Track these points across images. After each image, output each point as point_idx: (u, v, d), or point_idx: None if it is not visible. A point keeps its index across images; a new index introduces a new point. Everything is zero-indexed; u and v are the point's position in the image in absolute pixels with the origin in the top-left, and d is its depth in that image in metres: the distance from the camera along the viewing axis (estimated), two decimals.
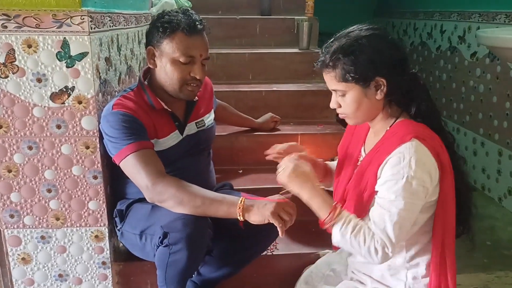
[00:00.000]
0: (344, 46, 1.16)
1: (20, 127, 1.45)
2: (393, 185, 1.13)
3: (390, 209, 1.14)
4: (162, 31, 1.45)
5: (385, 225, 1.13)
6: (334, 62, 1.17)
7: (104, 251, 1.61)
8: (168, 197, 1.35)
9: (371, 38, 1.17)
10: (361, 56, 1.15)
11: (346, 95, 1.19)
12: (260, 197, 1.39)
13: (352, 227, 1.15)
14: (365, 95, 1.18)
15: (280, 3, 3.14)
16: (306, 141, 2.25)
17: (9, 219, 1.53)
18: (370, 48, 1.15)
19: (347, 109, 1.22)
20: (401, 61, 1.19)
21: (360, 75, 1.16)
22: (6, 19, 1.36)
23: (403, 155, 1.13)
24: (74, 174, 1.51)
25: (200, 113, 1.67)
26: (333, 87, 1.22)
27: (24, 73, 1.41)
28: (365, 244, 1.14)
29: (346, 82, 1.17)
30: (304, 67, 2.69)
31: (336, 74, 1.18)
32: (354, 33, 1.18)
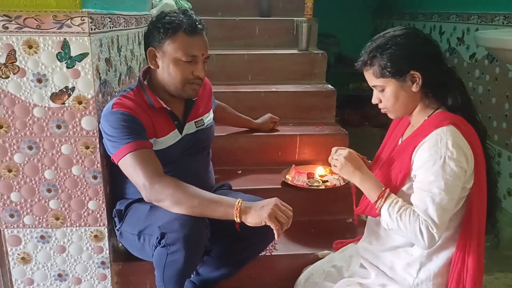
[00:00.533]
0: (380, 44, 1.26)
1: (20, 127, 1.46)
2: (431, 166, 1.19)
3: (431, 190, 1.19)
4: (163, 32, 1.46)
5: (427, 207, 1.18)
6: (372, 60, 1.27)
7: (104, 251, 1.62)
8: (166, 196, 1.36)
9: (405, 36, 1.26)
10: (395, 52, 1.24)
11: (385, 90, 1.29)
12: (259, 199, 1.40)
13: (398, 207, 1.22)
14: (402, 88, 1.27)
15: (279, 4, 3.14)
16: (305, 142, 2.27)
17: (9, 218, 1.54)
18: (403, 44, 1.25)
19: (387, 103, 1.31)
20: (434, 55, 1.28)
21: (395, 70, 1.24)
22: (7, 20, 1.37)
23: (440, 137, 1.20)
24: (74, 174, 1.52)
25: (199, 112, 1.68)
26: (373, 83, 1.31)
27: (24, 73, 1.42)
28: (410, 224, 1.19)
29: (384, 77, 1.27)
30: (303, 68, 2.70)
31: (374, 70, 1.28)
32: (389, 33, 1.28)
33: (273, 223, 1.29)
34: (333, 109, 2.52)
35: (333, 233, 1.88)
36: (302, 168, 2.13)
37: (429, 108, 1.30)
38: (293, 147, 2.26)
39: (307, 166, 2.16)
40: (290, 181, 2.00)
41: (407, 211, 1.21)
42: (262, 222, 1.31)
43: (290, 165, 2.15)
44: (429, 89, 1.28)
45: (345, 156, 1.33)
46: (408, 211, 1.21)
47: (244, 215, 1.33)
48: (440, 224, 1.18)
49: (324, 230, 1.98)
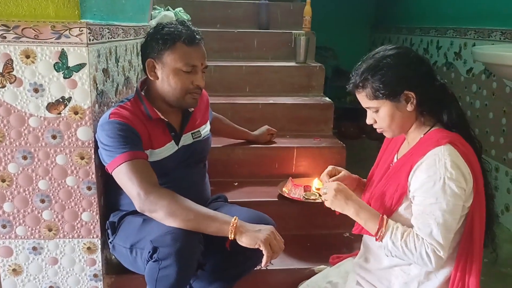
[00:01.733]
0: (371, 66, 1.25)
1: (15, 136, 1.44)
2: (431, 188, 1.18)
3: (433, 212, 1.17)
4: (162, 43, 1.46)
5: (431, 230, 1.17)
6: (364, 82, 1.26)
7: (96, 263, 1.59)
8: (160, 207, 1.35)
9: (395, 56, 1.25)
10: (387, 73, 1.23)
11: (379, 111, 1.27)
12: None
13: (401, 234, 1.20)
14: (396, 108, 1.26)
15: (277, 17, 3.17)
16: (302, 154, 2.26)
17: (1, 229, 1.52)
18: (395, 65, 1.24)
19: (382, 124, 1.30)
20: (427, 74, 1.27)
21: (389, 91, 1.23)
22: (5, 30, 1.37)
23: (438, 157, 1.18)
24: (68, 185, 1.51)
25: (196, 124, 1.68)
26: (366, 105, 1.29)
27: (21, 83, 1.41)
28: (416, 250, 1.17)
29: (377, 99, 1.25)
30: (301, 81, 2.71)
31: (366, 93, 1.26)
32: (380, 54, 1.27)
33: (266, 249, 1.30)
34: (331, 122, 2.53)
35: (329, 248, 1.87)
36: (299, 181, 2.12)
37: (425, 125, 1.29)
38: (290, 160, 2.25)
39: (304, 179, 2.15)
40: (286, 194, 1.99)
41: (410, 236, 1.19)
42: (256, 244, 1.31)
43: (286, 178, 2.14)
44: (424, 107, 1.27)
45: (335, 188, 1.30)
46: (411, 237, 1.19)
47: (239, 234, 1.33)
48: (445, 245, 1.17)
49: (320, 244, 1.96)
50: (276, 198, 2.02)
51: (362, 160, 3.16)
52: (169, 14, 2.53)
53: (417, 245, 1.18)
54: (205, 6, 3.09)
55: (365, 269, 1.40)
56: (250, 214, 1.55)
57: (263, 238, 1.31)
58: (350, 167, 2.29)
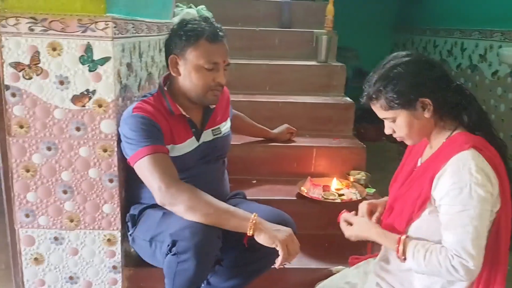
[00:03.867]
0: (382, 76, 1.23)
1: (40, 128, 1.47)
2: (458, 195, 1.14)
3: (461, 220, 1.14)
4: (185, 40, 1.47)
5: (460, 239, 1.13)
6: (377, 93, 1.24)
7: (116, 255, 1.61)
8: (180, 201, 1.35)
9: (406, 64, 1.22)
10: (399, 82, 1.20)
11: (397, 121, 1.25)
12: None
13: (423, 253, 1.18)
14: (414, 116, 1.23)
15: (300, 16, 3.15)
16: (322, 154, 2.25)
17: (24, 218, 1.55)
18: (406, 74, 1.21)
19: (401, 133, 1.27)
20: (440, 78, 1.23)
21: (404, 100, 1.21)
22: (33, 22, 1.39)
23: (462, 163, 1.15)
24: (90, 177, 1.53)
25: (217, 120, 1.68)
26: (382, 115, 1.28)
27: (47, 75, 1.43)
28: (441, 265, 1.14)
29: (392, 109, 1.23)
30: (321, 80, 2.69)
31: (381, 104, 1.25)
32: (390, 63, 1.24)
33: (283, 250, 1.30)
34: (351, 122, 2.50)
35: (347, 248, 1.83)
36: (317, 180, 2.11)
37: (447, 129, 1.26)
38: (309, 159, 2.24)
39: (322, 178, 2.14)
40: (305, 193, 1.98)
41: (433, 254, 1.16)
42: (274, 244, 1.31)
43: (305, 177, 2.12)
44: (442, 111, 1.24)
45: (349, 229, 1.39)
46: (434, 254, 1.16)
47: (258, 231, 1.33)
48: (477, 254, 1.12)
49: (338, 245, 1.93)
50: (294, 197, 2.02)
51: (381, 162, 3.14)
52: (191, 11, 2.54)
53: (440, 260, 1.14)
54: (227, 4, 3.10)
55: (386, 270, 1.38)
56: (269, 212, 1.55)
57: (281, 239, 1.31)
58: (369, 169, 2.28)
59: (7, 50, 1.41)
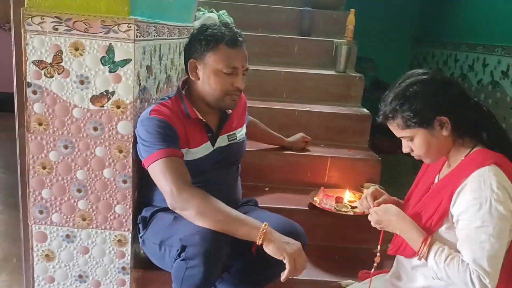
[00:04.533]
0: (399, 95, 1.22)
1: (58, 126, 1.49)
2: (477, 211, 1.13)
3: (479, 237, 1.12)
4: (205, 44, 1.48)
5: (477, 256, 1.12)
6: (393, 112, 1.23)
7: (125, 256, 1.61)
8: (191, 206, 1.35)
9: (423, 82, 1.22)
10: (416, 101, 1.20)
11: (414, 139, 1.24)
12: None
13: (445, 257, 1.17)
14: (431, 135, 1.22)
15: (320, 25, 3.14)
16: (336, 164, 2.23)
17: (38, 214, 1.56)
18: (423, 92, 1.20)
19: (419, 151, 1.26)
20: (458, 96, 1.22)
21: (421, 119, 1.20)
22: (58, 22, 1.41)
23: (483, 179, 1.14)
24: (105, 177, 1.53)
25: (233, 126, 1.68)
26: (400, 134, 1.27)
27: (68, 74, 1.45)
28: (459, 275, 1.13)
29: (409, 128, 1.22)
30: (339, 90, 2.68)
31: (398, 123, 1.24)
32: (406, 82, 1.24)
33: (290, 263, 1.29)
34: (367, 134, 2.48)
35: (358, 262, 1.81)
36: (330, 191, 2.09)
37: (465, 147, 1.25)
38: (323, 169, 2.23)
39: (336, 189, 2.12)
40: (317, 204, 1.96)
41: (455, 260, 1.15)
42: (281, 256, 1.30)
43: (318, 187, 2.11)
44: (461, 129, 1.23)
45: (376, 211, 1.32)
46: (456, 261, 1.14)
47: (267, 241, 1.32)
48: (493, 272, 1.11)
49: (349, 258, 1.92)
50: (306, 207, 2.00)
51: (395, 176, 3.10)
52: (212, 16, 2.56)
53: (461, 270, 1.12)
54: (248, 10, 3.11)
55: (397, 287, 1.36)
56: (281, 221, 1.54)
57: (289, 252, 1.30)
58: (384, 182, 2.25)
59: (31, 48, 1.43)
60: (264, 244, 1.32)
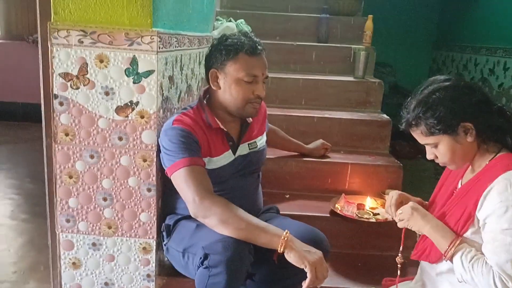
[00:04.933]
0: (421, 102, 1.23)
1: (84, 136, 1.52)
2: (503, 213, 1.13)
3: (504, 239, 1.12)
4: (225, 54, 1.50)
5: (501, 258, 1.12)
6: (416, 120, 1.24)
7: (150, 263, 1.63)
8: (213, 214, 1.37)
9: (445, 89, 1.22)
10: (439, 108, 1.20)
11: (439, 146, 1.25)
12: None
13: (471, 257, 1.17)
14: (456, 141, 1.22)
15: (337, 31, 3.15)
16: (356, 171, 2.22)
17: (65, 223, 1.60)
18: (446, 99, 1.21)
19: (444, 158, 1.27)
20: (481, 101, 1.22)
21: (445, 126, 1.20)
22: (83, 35, 1.45)
23: (509, 182, 1.14)
24: (129, 185, 1.56)
25: (253, 134, 1.70)
26: (424, 141, 1.27)
27: (94, 85, 1.49)
28: (483, 276, 1.13)
29: (434, 135, 1.23)
30: (358, 96, 2.67)
31: (421, 130, 1.24)
32: (428, 89, 1.24)
33: (311, 272, 1.29)
34: (387, 140, 2.47)
35: (381, 270, 1.80)
36: (351, 198, 2.08)
37: (490, 152, 1.25)
38: (344, 176, 2.22)
39: (357, 196, 2.11)
40: (339, 211, 1.96)
41: (480, 261, 1.15)
42: (303, 265, 1.30)
43: (339, 194, 2.10)
44: (485, 134, 1.22)
45: (411, 207, 1.30)
46: (480, 262, 1.15)
47: (289, 249, 1.32)
48: None
49: (371, 266, 1.90)
50: (328, 213, 2.00)
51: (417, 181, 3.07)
52: (231, 25, 2.59)
53: (484, 272, 1.13)
54: (266, 19, 3.13)
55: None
56: (303, 228, 1.55)
57: (311, 260, 1.30)
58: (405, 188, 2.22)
59: (57, 61, 1.47)
60: (286, 252, 1.32)
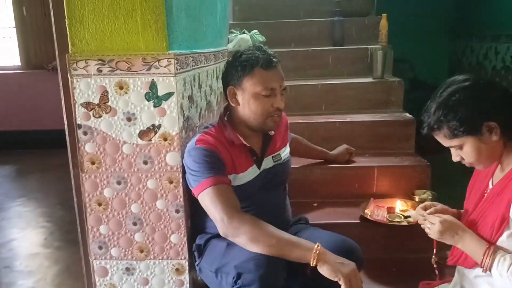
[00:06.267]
0: (441, 105, 1.21)
1: (110, 163, 1.54)
2: None
3: None
4: (241, 70, 1.50)
5: None
6: (438, 123, 1.21)
7: (184, 284, 1.64)
8: (243, 232, 1.36)
9: (465, 89, 1.19)
10: (460, 110, 1.18)
11: (464, 148, 1.22)
12: None
13: (507, 265, 1.14)
14: (481, 141, 1.20)
15: (352, 33, 3.11)
16: (383, 173, 2.18)
17: (98, 250, 1.62)
18: (467, 99, 1.18)
19: (470, 159, 1.24)
20: (503, 98, 1.19)
21: (468, 127, 1.18)
22: (101, 64, 1.47)
23: None
24: (158, 208, 1.57)
25: (277, 147, 1.69)
26: (448, 144, 1.25)
27: (115, 112, 1.51)
28: None
29: (457, 137, 1.20)
30: (378, 97, 2.63)
31: (444, 133, 1.22)
32: (447, 91, 1.21)
33: (346, 285, 1.27)
34: (412, 139, 2.42)
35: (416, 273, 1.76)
36: (381, 201, 2.05)
37: None
38: (371, 179, 2.19)
39: (386, 199, 2.07)
40: (369, 216, 1.92)
41: None
42: (337, 277, 1.28)
43: (367, 198, 2.07)
44: (511, 131, 1.19)
45: (441, 221, 1.26)
46: None
47: (322, 263, 1.31)
48: None
49: (407, 270, 1.87)
50: (357, 220, 1.97)
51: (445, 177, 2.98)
52: (245, 37, 2.59)
53: None
54: (279, 27, 3.12)
55: None
56: (334, 238, 1.53)
57: (345, 273, 1.28)
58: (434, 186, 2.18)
59: (78, 91, 1.50)
60: (319, 265, 1.31)
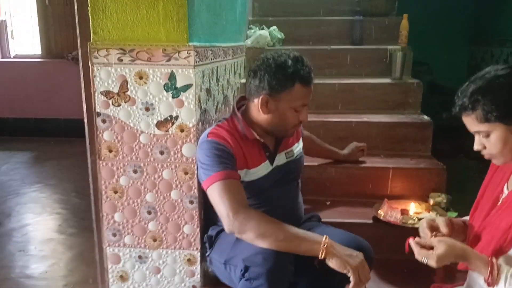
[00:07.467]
0: (481, 86, 1.17)
1: (127, 152, 1.56)
2: None
3: None
4: (283, 83, 1.46)
5: None
6: (473, 103, 1.17)
7: (195, 275, 1.65)
8: (249, 228, 1.36)
9: (508, 76, 1.16)
10: (500, 93, 1.14)
11: (491, 135, 1.19)
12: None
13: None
14: (510, 132, 1.16)
15: (371, 33, 3.09)
16: (398, 175, 2.16)
17: (112, 237, 1.64)
18: (508, 86, 1.15)
19: (493, 149, 1.21)
20: None
21: (503, 113, 1.14)
22: (122, 53, 1.49)
23: None
24: (172, 198, 1.59)
25: (289, 143, 1.68)
26: (475, 128, 1.21)
27: (134, 102, 1.52)
28: None
29: (489, 122, 1.17)
30: (396, 98, 2.60)
31: (476, 115, 1.18)
32: (490, 74, 1.18)
33: (355, 277, 1.27)
34: (429, 142, 2.39)
35: (428, 276, 1.75)
36: (394, 203, 2.03)
37: None
38: (385, 180, 2.17)
39: (400, 201, 2.05)
40: (382, 217, 1.91)
41: None
42: (345, 269, 1.28)
43: (381, 199, 2.05)
44: None
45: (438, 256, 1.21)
46: None
47: (330, 256, 1.31)
48: None
49: (419, 272, 1.82)
50: (370, 220, 1.95)
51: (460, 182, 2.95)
52: (263, 33, 2.59)
53: None
54: (298, 24, 3.11)
55: None
56: (345, 236, 1.52)
57: (353, 265, 1.28)
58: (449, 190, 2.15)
59: (98, 80, 1.52)
60: (327, 258, 1.31)
